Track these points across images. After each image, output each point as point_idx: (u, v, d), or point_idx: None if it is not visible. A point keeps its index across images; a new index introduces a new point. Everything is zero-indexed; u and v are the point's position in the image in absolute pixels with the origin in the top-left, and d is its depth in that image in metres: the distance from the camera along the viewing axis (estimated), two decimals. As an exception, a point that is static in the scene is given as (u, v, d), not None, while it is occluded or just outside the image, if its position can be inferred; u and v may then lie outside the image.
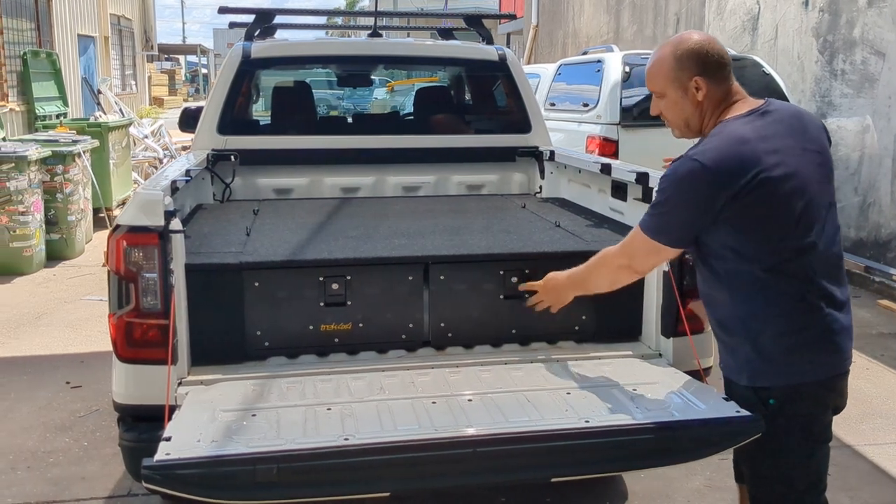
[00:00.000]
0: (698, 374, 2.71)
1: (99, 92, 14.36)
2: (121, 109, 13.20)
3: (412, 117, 5.52)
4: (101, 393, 4.31)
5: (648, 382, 2.58)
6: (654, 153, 6.29)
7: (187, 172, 3.27)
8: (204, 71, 47.22)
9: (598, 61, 7.52)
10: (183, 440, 2.14)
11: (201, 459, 2.07)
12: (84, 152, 7.96)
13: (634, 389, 2.52)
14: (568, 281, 2.59)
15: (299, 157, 4.34)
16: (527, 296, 2.78)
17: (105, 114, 12.02)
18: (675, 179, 2.16)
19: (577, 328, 2.94)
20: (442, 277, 2.85)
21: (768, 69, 7.44)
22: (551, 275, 2.66)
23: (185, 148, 7.75)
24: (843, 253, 2.29)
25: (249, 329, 2.74)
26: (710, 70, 2.21)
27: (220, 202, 4.12)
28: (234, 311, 2.71)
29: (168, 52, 41.51)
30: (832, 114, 7.77)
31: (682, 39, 2.24)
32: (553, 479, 2.39)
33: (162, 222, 2.49)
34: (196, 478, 2.04)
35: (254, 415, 2.33)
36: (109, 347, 2.59)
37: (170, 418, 2.31)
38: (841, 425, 4.09)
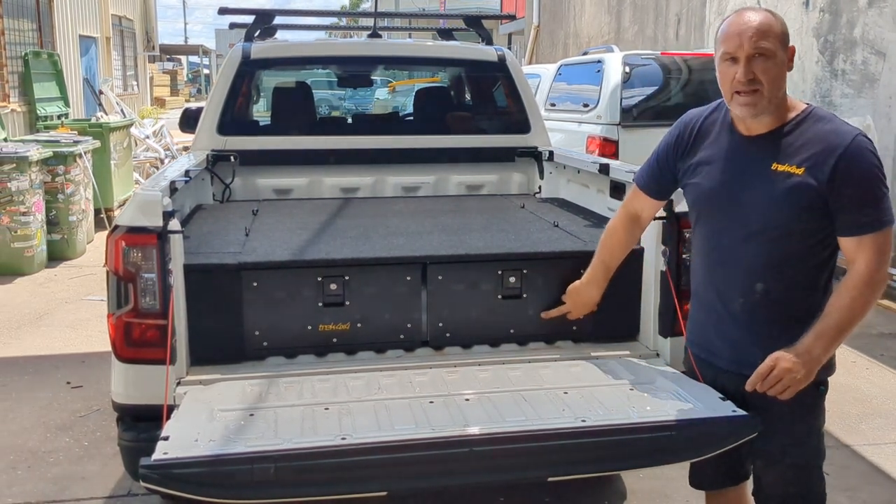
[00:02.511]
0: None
1: (100, 92, 14.40)
2: (122, 110, 13.23)
3: (411, 118, 5.53)
4: (101, 393, 4.32)
5: (646, 382, 2.58)
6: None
7: (187, 173, 3.28)
8: (206, 71, 47.30)
9: (599, 62, 7.52)
10: (181, 439, 2.14)
11: (199, 459, 2.07)
12: (85, 153, 7.98)
13: (631, 389, 2.53)
14: (825, 345, 2.08)
15: (299, 158, 4.35)
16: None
17: (106, 114, 12.05)
18: (875, 158, 2.08)
19: (574, 328, 2.94)
20: (440, 277, 2.85)
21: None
22: (790, 353, 2.08)
23: (186, 148, 7.75)
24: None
25: (248, 329, 2.74)
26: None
27: (219, 202, 4.13)
28: (233, 311, 2.72)
29: (170, 52, 41.54)
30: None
31: (767, 10, 2.17)
32: (550, 479, 2.39)
33: (160, 223, 2.50)
34: (194, 477, 2.05)
35: (252, 414, 2.34)
36: (110, 347, 2.60)
37: (168, 418, 2.32)
38: (840, 425, 4.11)
